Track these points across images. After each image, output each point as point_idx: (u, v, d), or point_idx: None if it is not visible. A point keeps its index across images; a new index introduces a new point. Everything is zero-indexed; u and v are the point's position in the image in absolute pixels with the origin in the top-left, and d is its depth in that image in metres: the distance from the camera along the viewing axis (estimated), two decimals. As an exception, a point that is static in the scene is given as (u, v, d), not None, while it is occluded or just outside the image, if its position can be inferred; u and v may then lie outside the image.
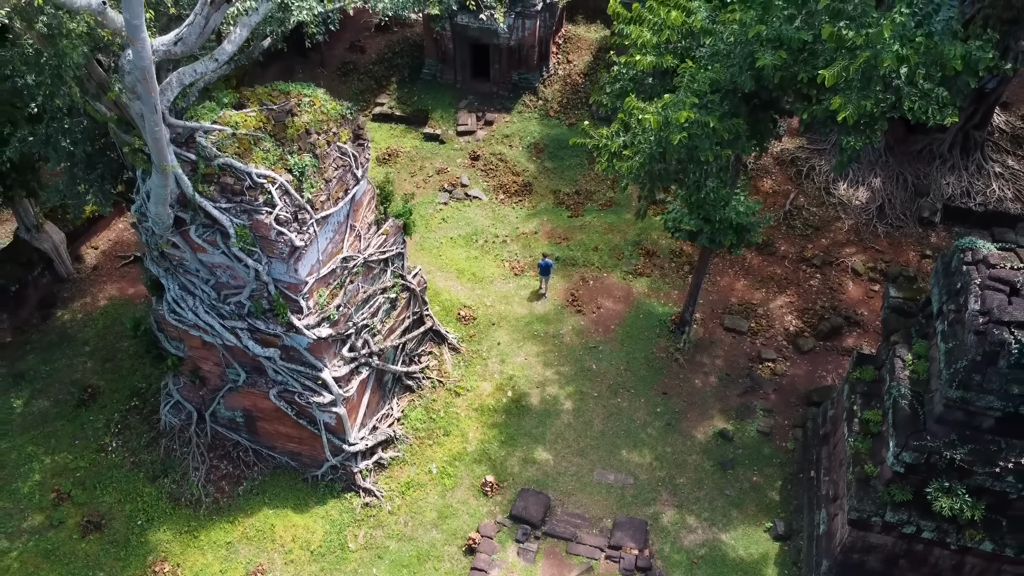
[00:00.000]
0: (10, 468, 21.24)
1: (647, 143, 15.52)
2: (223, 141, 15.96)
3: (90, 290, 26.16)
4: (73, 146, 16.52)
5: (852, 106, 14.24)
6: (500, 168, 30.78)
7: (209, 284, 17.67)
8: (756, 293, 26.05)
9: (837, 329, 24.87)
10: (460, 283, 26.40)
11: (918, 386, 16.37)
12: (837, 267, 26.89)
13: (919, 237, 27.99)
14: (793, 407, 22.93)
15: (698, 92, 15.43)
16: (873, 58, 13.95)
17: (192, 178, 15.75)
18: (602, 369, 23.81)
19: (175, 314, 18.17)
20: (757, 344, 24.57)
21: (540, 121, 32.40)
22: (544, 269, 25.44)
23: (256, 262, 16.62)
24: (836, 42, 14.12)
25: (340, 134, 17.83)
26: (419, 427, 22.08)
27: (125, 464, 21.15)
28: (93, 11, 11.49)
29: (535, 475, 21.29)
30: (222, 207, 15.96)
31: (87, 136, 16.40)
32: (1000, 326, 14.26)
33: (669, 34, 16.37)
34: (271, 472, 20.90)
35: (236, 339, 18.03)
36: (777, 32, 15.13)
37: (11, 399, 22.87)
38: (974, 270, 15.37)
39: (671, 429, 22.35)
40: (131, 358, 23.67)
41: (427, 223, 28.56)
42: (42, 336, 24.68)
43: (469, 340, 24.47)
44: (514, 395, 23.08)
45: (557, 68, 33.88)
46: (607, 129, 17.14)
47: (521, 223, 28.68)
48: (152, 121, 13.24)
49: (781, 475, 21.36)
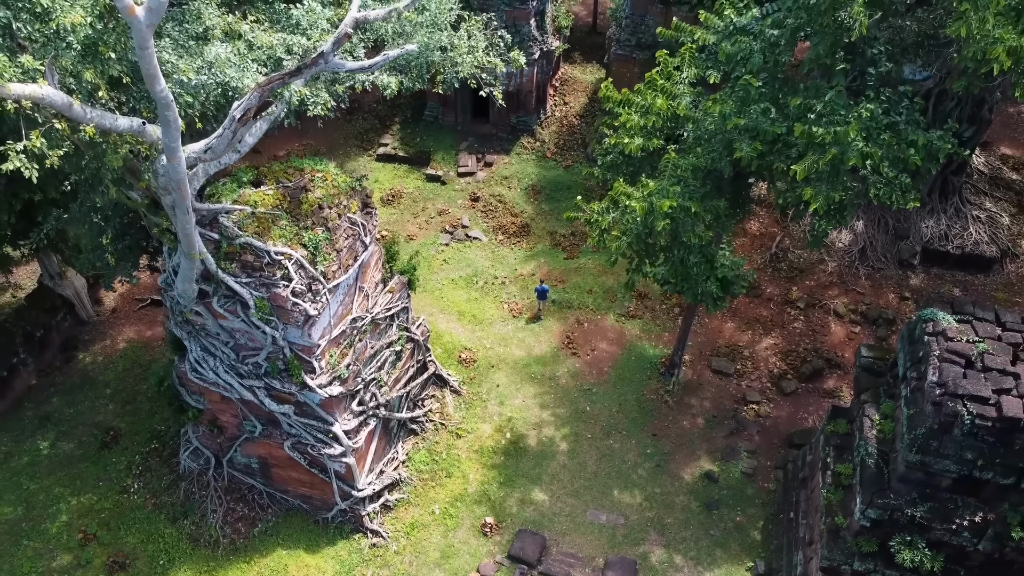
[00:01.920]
0: (39, 508, 22.61)
1: (634, 224, 16.91)
2: (244, 220, 17.34)
3: (109, 333, 27.54)
4: (104, 222, 17.87)
5: (822, 197, 15.61)
6: (499, 209, 32.15)
7: (228, 346, 19.03)
8: (743, 335, 27.41)
9: (819, 371, 26.23)
10: (461, 325, 27.77)
11: (884, 445, 17.73)
12: (820, 309, 28.26)
13: (899, 279, 29.34)
14: (775, 448, 24.29)
15: (681, 177, 16.81)
16: (840, 154, 15.31)
17: (215, 256, 17.11)
18: (596, 411, 25.17)
19: (197, 373, 19.54)
20: (743, 386, 25.94)
21: (537, 163, 33.78)
22: (541, 293, 27.26)
23: (273, 329, 17.99)
24: (807, 139, 15.48)
25: (350, 205, 19.19)
26: (423, 469, 23.45)
27: (147, 505, 22.51)
28: (134, 132, 12.82)
29: (532, 515, 22.65)
30: (243, 282, 17.32)
31: (117, 213, 17.74)
32: (955, 399, 15.60)
33: (655, 119, 17.73)
34: (284, 514, 22.27)
35: (253, 396, 19.39)
36: (754, 123, 16.50)
37: (38, 441, 24.24)
38: (934, 341, 16.72)
39: (660, 470, 23.71)
40: (150, 401, 25.02)
41: (429, 265, 29.92)
42: (65, 378, 26.05)
43: (470, 382, 25.84)
44: (512, 437, 24.45)
45: (554, 110, 35.26)
46: (598, 204, 18.52)
47: (519, 264, 30.05)
48: (184, 220, 14.60)
49: (763, 515, 22.72)
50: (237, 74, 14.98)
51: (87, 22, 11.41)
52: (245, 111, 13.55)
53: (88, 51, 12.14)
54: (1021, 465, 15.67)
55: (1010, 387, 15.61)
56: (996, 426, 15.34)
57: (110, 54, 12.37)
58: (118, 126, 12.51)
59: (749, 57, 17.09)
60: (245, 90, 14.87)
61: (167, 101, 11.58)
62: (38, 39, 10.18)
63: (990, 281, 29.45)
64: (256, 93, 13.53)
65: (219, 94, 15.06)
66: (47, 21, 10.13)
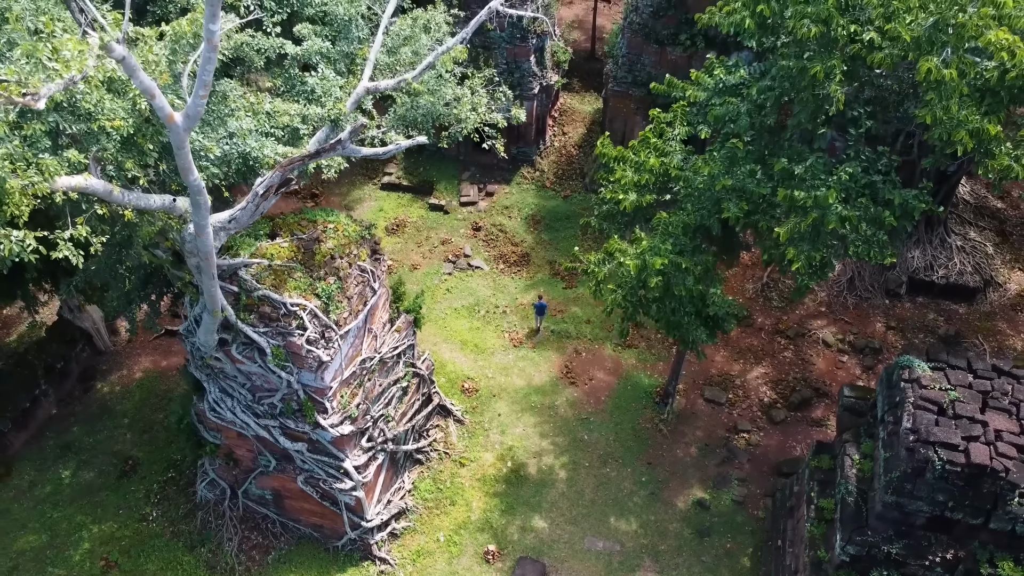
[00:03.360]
0: (62, 536, 23.72)
1: (628, 278, 18.04)
2: (261, 273, 18.45)
3: (126, 363, 28.65)
4: (129, 273, 18.98)
5: (804, 256, 16.73)
6: (500, 239, 33.25)
7: (245, 388, 20.15)
8: (734, 365, 28.53)
9: (807, 400, 27.35)
10: (464, 354, 28.88)
11: (863, 483, 18.83)
12: (809, 339, 29.39)
13: (886, 309, 30.46)
14: (765, 476, 25.41)
15: (672, 234, 17.94)
16: (821, 217, 16.42)
17: (235, 307, 18.22)
18: (593, 440, 26.30)
19: (215, 412, 20.65)
20: (734, 415, 27.06)
21: (537, 192, 34.89)
22: (539, 309, 28.65)
23: (288, 374, 19.11)
24: (789, 202, 16.59)
25: (360, 254, 20.31)
26: (428, 497, 24.57)
27: (165, 534, 23.62)
28: (166, 209, 13.92)
29: (532, 543, 23.76)
30: (260, 331, 18.43)
31: (142, 266, 18.85)
32: (927, 445, 16.70)
33: (648, 177, 18.84)
34: (296, 542, 23.38)
35: (268, 434, 20.51)
36: (741, 184, 17.62)
37: (60, 470, 25.35)
38: (909, 388, 17.81)
39: (654, 498, 24.83)
40: (166, 430, 26.11)
41: (433, 294, 31.01)
42: (85, 408, 27.16)
43: (472, 412, 26.95)
44: (513, 465, 25.56)
45: (553, 140, 36.37)
46: (594, 255, 19.65)
47: (520, 294, 31.15)
48: (209, 284, 15.71)
49: (752, 542, 23.83)
50: (257, 144, 16.09)
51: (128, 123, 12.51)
52: (268, 188, 14.66)
53: (128, 143, 13.25)
54: (988, 507, 16.77)
55: (978, 434, 16.70)
56: (965, 471, 16.44)
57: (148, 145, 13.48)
58: (152, 204, 13.61)
59: (737, 119, 18.18)
60: (265, 159, 15.99)
61: (199, 188, 12.69)
62: (82, 137, 11.24)
63: (973, 310, 30.54)
64: (278, 172, 14.64)
65: (241, 163, 16.16)
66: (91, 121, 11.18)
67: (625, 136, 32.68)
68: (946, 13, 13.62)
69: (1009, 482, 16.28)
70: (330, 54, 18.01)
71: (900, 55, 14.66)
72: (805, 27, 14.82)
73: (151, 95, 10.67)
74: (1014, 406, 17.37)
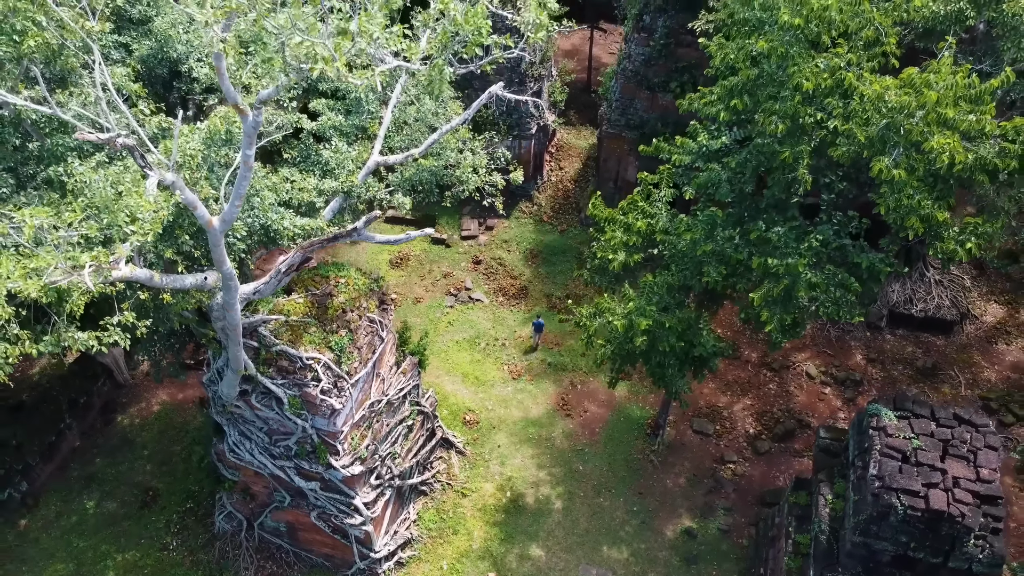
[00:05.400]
0: (88, 565, 25.23)
1: (616, 335, 19.59)
2: (278, 329, 19.98)
3: (144, 395, 30.16)
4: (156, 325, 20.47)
5: (776, 319, 18.28)
6: (500, 272, 34.78)
7: (263, 431, 21.67)
8: (722, 397, 30.07)
9: (790, 432, 28.90)
10: (465, 386, 30.42)
11: (835, 522, 20.38)
12: (793, 371, 30.93)
13: (867, 341, 31.99)
14: (750, 506, 26.94)
15: (657, 293, 19.51)
16: (791, 284, 17.96)
17: (255, 361, 19.75)
18: (587, 471, 27.83)
19: (234, 453, 22.18)
20: (721, 446, 28.59)
21: (535, 227, 36.43)
22: (537, 327, 30.58)
23: (303, 420, 20.64)
24: (762, 270, 18.13)
25: (369, 306, 21.83)
26: (431, 527, 26.10)
27: (185, 563, 25.15)
28: (198, 287, 15.44)
29: (530, 570, 25.28)
30: (278, 383, 19.96)
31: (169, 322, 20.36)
32: (891, 491, 18.24)
33: (636, 239, 20.39)
34: (309, 571, 24.91)
35: (284, 474, 22.04)
36: (720, 248, 19.16)
37: (85, 501, 26.87)
38: (876, 436, 19.35)
39: (645, 527, 26.36)
40: (184, 462, 27.64)
41: (435, 327, 32.54)
42: (106, 440, 28.68)
43: (473, 443, 28.48)
44: (512, 495, 27.09)
45: (550, 175, 37.90)
46: (586, 309, 21.21)
47: (518, 327, 32.68)
48: (235, 349, 17.24)
49: (737, 570, 25.36)
50: (277, 216, 17.62)
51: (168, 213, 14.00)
52: (289, 266, 16.20)
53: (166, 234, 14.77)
54: (947, 548, 18.31)
55: (937, 481, 18.25)
56: (925, 516, 17.99)
57: (184, 236, 15.00)
58: (186, 284, 15.12)
59: (718, 186, 19.72)
60: (284, 231, 17.51)
61: (231, 275, 14.22)
62: (127, 236, 12.77)
63: (951, 342, 32.07)
64: (299, 253, 16.17)
65: (263, 234, 17.69)
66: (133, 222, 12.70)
67: (618, 175, 34.24)
68: (896, 118, 15.16)
69: (965, 526, 17.83)
70: (343, 127, 19.53)
71: (857, 152, 16.19)
72: (773, 124, 16.38)
73: (194, 207, 12.19)
74: (972, 453, 18.92)
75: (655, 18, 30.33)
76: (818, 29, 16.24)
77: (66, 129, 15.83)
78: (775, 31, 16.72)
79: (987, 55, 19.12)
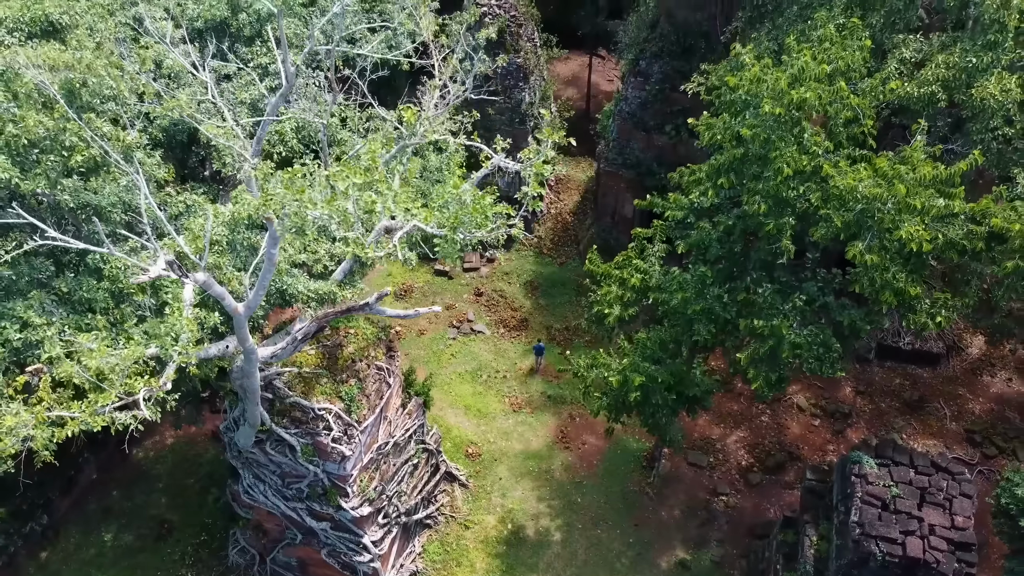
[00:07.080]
0: (107, 597, 26.39)
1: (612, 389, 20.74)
2: (292, 380, 21.09)
3: (158, 428, 31.21)
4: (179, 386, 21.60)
5: (762, 376, 19.40)
6: (501, 304, 35.88)
7: (276, 475, 22.78)
8: (715, 429, 31.17)
9: (781, 464, 29.99)
10: (467, 419, 31.52)
11: (820, 563, 21.51)
12: (785, 403, 32.01)
13: (856, 373, 33.06)
14: (741, 538, 28.03)
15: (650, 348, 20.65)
16: (776, 344, 19.08)
17: (270, 412, 20.87)
18: (586, 503, 28.93)
19: (248, 495, 23.30)
20: (714, 478, 29.69)
21: (535, 259, 37.54)
22: (538, 351, 31.90)
23: (315, 466, 21.75)
24: (748, 331, 19.25)
25: (377, 354, 22.95)
26: (436, 560, 27.21)
27: (200, 595, 26.30)
28: (220, 355, 16.54)
29: (530, 602, 26.42)
30: (291, 432, 21.08)
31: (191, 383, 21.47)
32: (870, 538, 19.38)
33: (630, 295, 21.52)
34: (319, 603, 26.03)
35: (296, 514, 23.15)
36: (709, 307, 20.27)
37: (102, 533, 27.98)
38: (858, 484, 20.47)
39: (641, 559, 27.46)
40: (197, 495, 28.76)
41: (439, 359, 33.64)
42: (122, 473, 29.77)
43: (475, 476, 29.58)
44: (513, 527, 28.20)
45: (550, 208, 39.00)
46: (583, 360, 22.34)
47: (519, 359, 33.77)
48: (252, 409, 18.36)
49: (728, 601, 26.50)
50: (292, 280, 18.73)
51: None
52: (305, 335, 17.32)
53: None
54: (923, 592, 19.45)
55: (914, 529, 19.39)
56: (902, 562, 19.11)
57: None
58: (211, 353, 16.25)
59: (709, 247, 20.82)
60: (299, 295, 18.62)
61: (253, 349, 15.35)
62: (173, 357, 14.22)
63: (937, 374, 33.15)
64: (314, 324, 17.29)
65: (278, 296, 18.80)
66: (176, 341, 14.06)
67: (616, 210, 35.33)
68: (870, 206, 16.26)
69: (939, 572, 18.96)
70: (352, 192, 20.59)
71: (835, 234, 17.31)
72: (756, 204, 17.51)
73: (222, 298, 13.32)
74: (947, 501, 20.06)
75: (651, 63, 31.45)
76: (799, 115, 17.37)
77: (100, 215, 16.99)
78: (757, 117, 17.87)
79: (958, 134, 20.28)
